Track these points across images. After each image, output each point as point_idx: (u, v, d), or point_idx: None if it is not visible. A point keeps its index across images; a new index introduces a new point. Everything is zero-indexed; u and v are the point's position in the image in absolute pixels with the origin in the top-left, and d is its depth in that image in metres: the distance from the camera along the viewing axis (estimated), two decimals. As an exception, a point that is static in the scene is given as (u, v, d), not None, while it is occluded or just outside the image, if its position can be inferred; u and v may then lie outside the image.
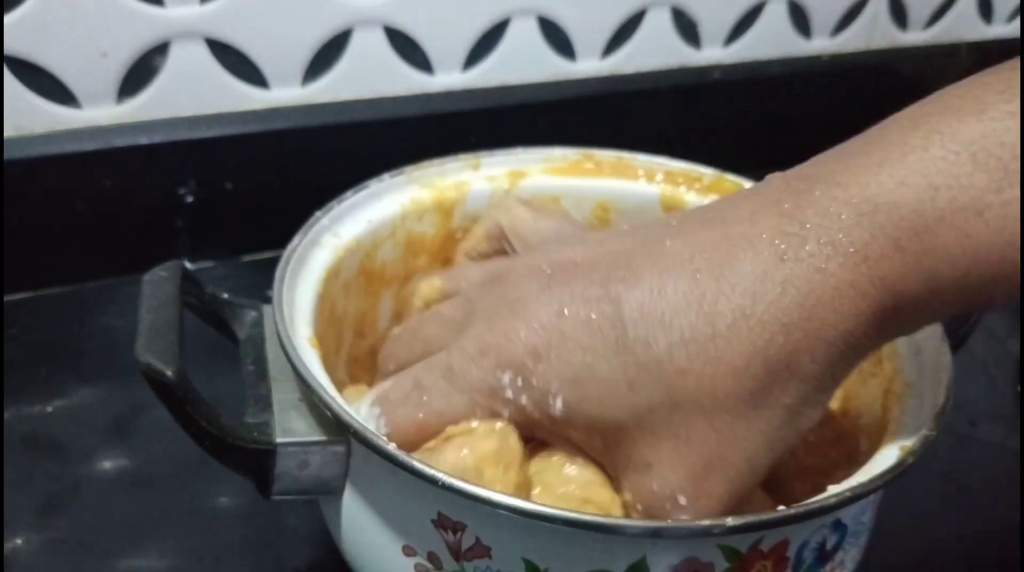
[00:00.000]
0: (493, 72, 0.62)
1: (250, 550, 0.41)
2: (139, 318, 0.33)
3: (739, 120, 0.71)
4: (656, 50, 0.67)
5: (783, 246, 0.29)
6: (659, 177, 0.45)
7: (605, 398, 0.30)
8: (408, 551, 0.31)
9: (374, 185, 0.42)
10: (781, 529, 0.29)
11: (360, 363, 0.42)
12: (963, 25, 0.78)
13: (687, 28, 0.67)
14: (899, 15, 0.75)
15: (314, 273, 0.38)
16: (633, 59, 0.66)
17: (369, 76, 0.59)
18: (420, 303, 0.39)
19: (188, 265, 0.49)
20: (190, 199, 0.56)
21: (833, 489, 0.29)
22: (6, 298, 0.53)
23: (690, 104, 0.68)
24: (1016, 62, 0.28)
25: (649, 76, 0.67)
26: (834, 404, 0.40)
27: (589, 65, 0.65)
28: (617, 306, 0.30)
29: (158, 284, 0.35)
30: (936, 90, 0.30)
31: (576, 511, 0.28)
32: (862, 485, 0.29)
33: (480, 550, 0.30)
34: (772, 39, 0.70)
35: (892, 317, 0.29)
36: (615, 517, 0.31)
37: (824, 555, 0.31)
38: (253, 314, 0.38)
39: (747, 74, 0.69)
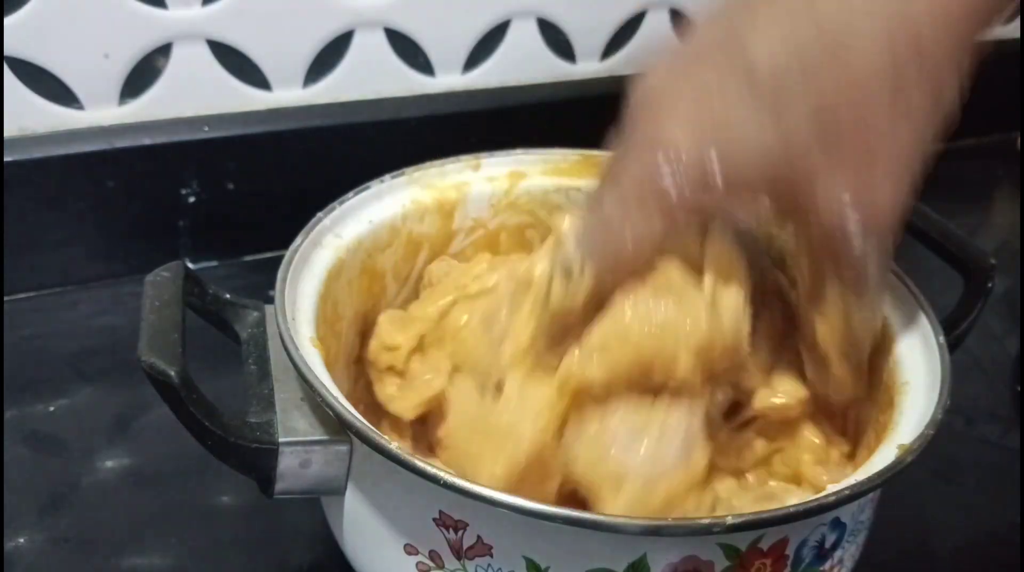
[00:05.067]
0: (493, 73, 0.62)
1: (252, 549, 0.41)
2: (142, 318, 0.33)
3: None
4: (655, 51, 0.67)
5: None
6: (658, 178, 0.45)
7: (751, 136, 0.31)
8: (410, 549, 0.32)
9: (375, 186, 0.42)
10: (780, 527, 0.29)
11: (362, 362, 0.42)
12: (961, 26, 0.78)
13: (685, 30, 0.67)
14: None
15: (316, 273, 0.38)
16: (632, 60, 0.66)
17: (370, 77, 0.59)
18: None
19: (190, 265, 0.49)
20: (192, 199, 0.56)
21: (832, 488, 0.29)
22: (9, 298, 0.54)
23: (689, 105, 0.68)
24: None
25: (648, 77, 0.67)
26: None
27: (588, 66, 0.65)
28: (743, 46, 0.31)
29: (161, 284, 0.35)
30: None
31: (577, 511, 0.28)
32: (860, 484, 0.29)
33: (481, 548, 0.30)
34: (771, 40, 0.70)
35: None
36: (615, 516, 0.31)
37: (823, 553, 0.31)
38: (255, 314, 0.39)
39: (746, 75, 0.69)
